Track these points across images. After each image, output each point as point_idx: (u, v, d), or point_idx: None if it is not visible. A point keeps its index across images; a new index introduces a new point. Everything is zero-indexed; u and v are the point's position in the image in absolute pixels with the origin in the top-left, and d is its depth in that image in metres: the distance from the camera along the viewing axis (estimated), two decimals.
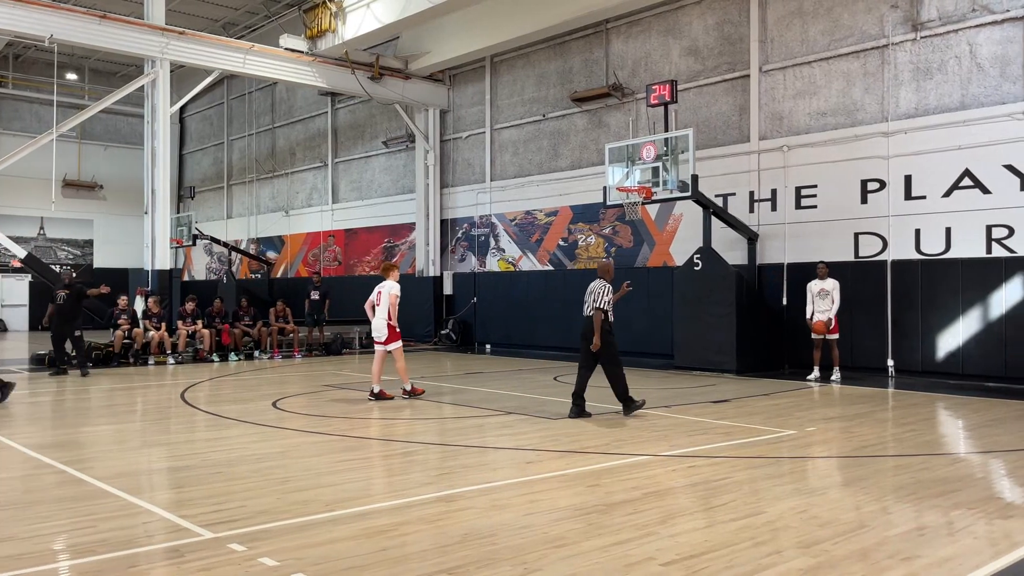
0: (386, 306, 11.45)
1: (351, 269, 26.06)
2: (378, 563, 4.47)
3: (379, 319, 11.50)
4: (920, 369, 13.72)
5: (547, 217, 20.24)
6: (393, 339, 11.51)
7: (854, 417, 9.78)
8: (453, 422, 9.86)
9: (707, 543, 4.82)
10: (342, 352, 19.66)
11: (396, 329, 11.57)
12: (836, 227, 14.87)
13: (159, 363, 16.91)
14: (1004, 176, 12.93)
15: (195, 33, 19.47)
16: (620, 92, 18.34)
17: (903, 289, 13.99)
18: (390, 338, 11.50)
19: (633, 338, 17.92)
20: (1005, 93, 13.02)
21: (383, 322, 11.48)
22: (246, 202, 31.00)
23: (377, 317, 11.53)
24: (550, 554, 4.61)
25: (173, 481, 6.78)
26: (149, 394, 12.69)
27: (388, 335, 11.49)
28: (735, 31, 16.55)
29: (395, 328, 11.55)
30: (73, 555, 4.67)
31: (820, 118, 15.23)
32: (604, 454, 7.58)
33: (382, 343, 11.55)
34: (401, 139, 23.97)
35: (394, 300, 11.45)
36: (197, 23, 25.43)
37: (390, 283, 11.58)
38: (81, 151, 32.43)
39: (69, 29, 17.40)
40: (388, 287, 11.52)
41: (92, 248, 33.25)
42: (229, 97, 31.88)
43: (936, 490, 6.14)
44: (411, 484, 6.47)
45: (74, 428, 9.40)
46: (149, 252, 18.62)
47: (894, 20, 14.26)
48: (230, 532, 5.03)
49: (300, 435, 8.68)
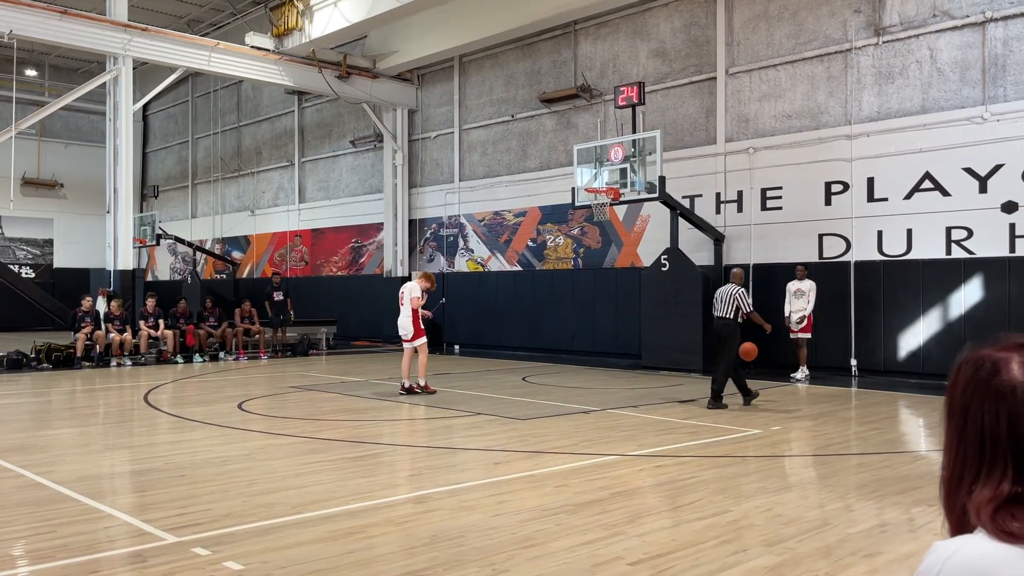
0: (409, 305, 11.90)
1: (318, 269, 25.87)
2: (345, 566, 4.44)
3: (403, 318, 11.96)
4: (882, 368, 13.95)
5: (516, 218, 20.26)
6: (418, 336, 11.93)
7: (818, 416, 9.91)
8: (421, 423, 9.83)
9: (674, 542, 4.85)
10: (308, 353, 19.50)
11: (421, 326, 11.98)
12: (801, 228, 15.06)
13: (120, 365, 16.64)
14: (963, 179, 13.19)
15: (159, 30, 19.19)
16: (588, 93, 18.41)
17: (866, 290, 14.21)
18: (416, 335, 11.92)
19: (601, 338, 18.02)
20: (965, 97, 13.28)
21: (408, 320, 11.91)
22: (211, 201, 30.62)
23: (402, 316, 12.00)
24: (518, 555, 4.61)
25: (136, 485, 6.67)
26: (111, 396, 12.48)
27: (414, 332, 11.91)
28: (702, 33, 16.69)
29: (420, 325, 11.96)
30: (32, 561, 4.58)
31: (785, 120, 15.42)
32: (572, 454, 7.60)
33: (408, 340, 11.96)
34: (369, 139, 23.84)
35: (415, 300, 11.88)
36: (161, 20, 25.07)
37: (412, 284, 12.07)
38: (41, 149, 31.80)
39: (28, 24, 17.05)
40: (410, 288, 12.00)
41: (52, 248, 32.62)
42: (194, 95, 31.47)
43: (897, 487, 6.24)
44: (378, 486, 6.43)
45: (34, 431, 9.22)
46: (111, 252, 18.32)
47: (857, 25, 14.48)
48: (194, 536, 4.96)
49: (266, 437, 8.59)
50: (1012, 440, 1.15)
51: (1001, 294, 12.71)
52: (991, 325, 12.54)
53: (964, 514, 1.18)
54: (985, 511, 1.14)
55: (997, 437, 1.16)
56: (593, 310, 18.25)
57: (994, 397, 1.17)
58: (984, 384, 1.19)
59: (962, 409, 1.21)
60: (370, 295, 23.42)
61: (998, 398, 1.17)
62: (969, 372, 1.22)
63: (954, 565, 1.12)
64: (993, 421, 1.17)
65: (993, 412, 1.17)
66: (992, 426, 1.17)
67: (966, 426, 1.20)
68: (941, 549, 1.16)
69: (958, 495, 1.20)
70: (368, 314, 23.33)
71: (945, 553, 1.15)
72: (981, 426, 1.18)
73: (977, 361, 1.21)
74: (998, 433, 1.16)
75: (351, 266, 24.70)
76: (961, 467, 1.20)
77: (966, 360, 1.23)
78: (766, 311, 14.59)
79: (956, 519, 1.21)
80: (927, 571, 1.15)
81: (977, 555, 1.11)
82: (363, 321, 23.42)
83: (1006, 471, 1.15)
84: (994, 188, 12.85)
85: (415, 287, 11.95)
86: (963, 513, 1.18)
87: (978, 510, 1.15)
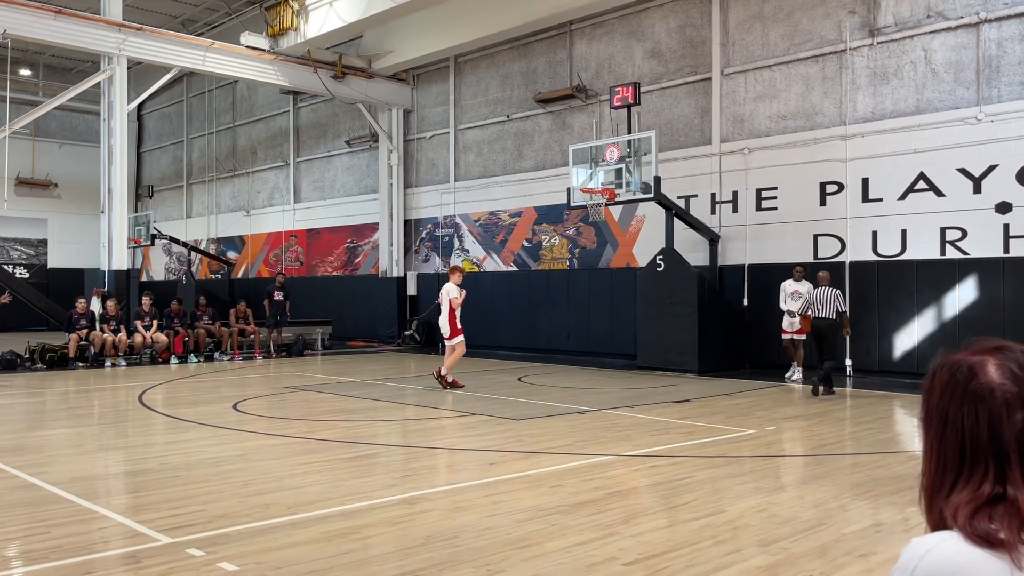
0: (447, 306, 12.45)
1: (313, 270, 25.83)
2: (340, 567, 4.43)
3: (442, 318, 12.58)
4: (877, 368, 13.98)
5: (511, 218, 20.26)
6: (454, 335, 12.48)
7: (813, 416, 9.93)
8: (416, 423, 9.82)
9: (669, 542, 4.86)
10: (304, 354, 19.47)
11: (458, 326, 12.49)
12: (796, 229, 15.08)
13: (115, 365, 16.60)
14: (957, 179, 13.22)
15: (153, 29, 19.15)
16: (584, 94, 18.42)
17: (861, 290, 14.24)
18: (452, 334, 12.49)
19: (596, 339, 18.02)
20: (959, 98, 13.31)
21: (445, 320, 12.50)
22: (206, 201, 30.56)
23: (441, 316, 12.65)
24: (513, 555, 4.61)
25: (130, 485, 6.66)
26: (105, 397, 12.45)
27: (451, 331, 12.46)
28: (697, 34, 16.71)
29: (456, 325, 12.46)
30: (26, 562, 4.56)
31: (780, 121, 15.44)
32: (567, 454, 7.60)
33: (447, 339, 12.61)
34: (364, 139, 23.81)
35: (453, 301, 12.37)
36: (156, 19, 25.00)
37: (449, 285, 12.57)
38: (35, 149, 31.71)
39: (23, 24, 16.99)
40: (447, 290, 12.52)
41: (46, 248, 32.52)
42: (189, 95, 31.41)
43: (892, 487, 6.25)
44: (374, 486, 6.43)
45: (27, 431, 9.19)
46: (106, 252, 18.27)
47: (852, 25, 14.51)
48: (188, 537, 4.95)
49: (261, 438, 8.58)
50: (992, 442, 1.16)
51: (995, 294, 12.75)
52: (985, 325, 12.58)
53: (942, 518, 1.19)
54: (963, 512, 1.15)
55: (977, 440, 1.17)
56: (588, 310, 18.25)
57: (972, 400, 1.18)
58: (962, 388, 1.19)
59: (940, 414, 1.21)
60: (365, 295, 23.40)
61: (976, 401, 1.18)
62: (945, 377, 1.22)
63: (930, 561, 1.14)
64: (973, 424, 1.18)
65: (973, 415, 1.18)
66: (972, 429, 1.18)
67: (945, 431, 1.20)
68: (918, 545, 1.17)
69: (937, 500, 1.21)
70: (363, 314, 23.31)
71: (922, 549, 1.16)
72: (961, 430, 1.19)
73: (952, 366, 1.22)
74: (978, 436, 1.17)
75: (346, 266, 24.68)
76: (941, 472, 1.21)
77: (941, 366, 1.24)
78: (763, 311, 14.70)
79: (935, 523, 1.22)
80: (904, 566, 1.16)
81: (953, 552, 1.13)
82: (358, 321, 23.40)
83: (987, 472, 1.16)
84: (988, 189, 12.88)
85: (452, 288, 12.45)
86: (941, 517, 1.19)
87: (955, 512, 1.16)
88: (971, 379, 1.19)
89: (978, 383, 1.18)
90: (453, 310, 12.36)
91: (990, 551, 1.10)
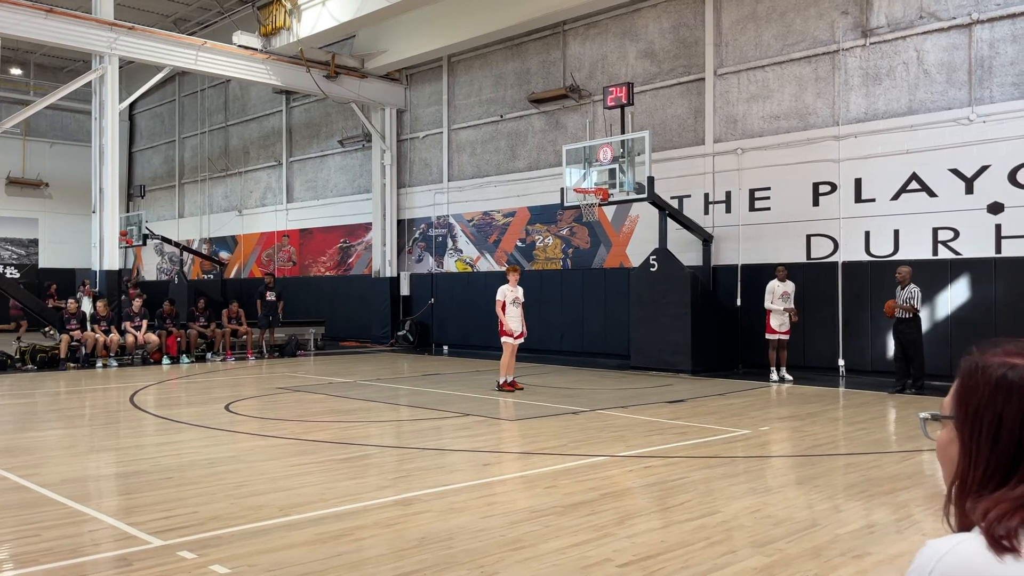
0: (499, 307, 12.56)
1: (306, 270, 25.77)
2: (334, 568, 4.41)
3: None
4: (870, 368, 14.00)
5: (505, 218, 20.24)
6: (501, 335, 12.53)
7: (806, 416, 9.94)
8: (410, 424, 9.80)
9: (663, 543, 4.85)
10: (296, 354, 19.42)
11: (506, 326, 12.46)
12: (789, 229, 15.10)
13: (106, 366, 16.52)
14: (949, 180, 13.25)
15: (145, 29, 19.07)
16: (577, 94, 18.41)
17: (854, 290, 14.27)
18: (501, 333, 12.54)
19: (590, 339, 18.01)
20: (951, 99, 13.35)
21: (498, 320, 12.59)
22: (198, 201, 30.46)
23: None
24: (508, 556, 4.59)
25: (121, 487, 6.62)
26: (97, 397, 12.39)
27: (499, 331, 12.56)
28: (690, 34, 16.72)
29: (504, 325, 12.46)
30: (17, 565, 4.53)
31: (773, 121, 15.46)
32: (561, 455, 7.59)
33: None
34: (357, 138, 23.76)
35: (499, 302, 12.48)
36: (147, 18, 24.90)
37: (504, 287, 12.63)
38: (26, 148, 31.55)
39: (14, 23, 16.90)
40: (499, 291, 12.63)
41: (37, 248, 32.36)
42: (181, 94, 31.30)
43: (886, 488, 6.26)
44: (367, 488, 6.40)
45: (18, 433, 9.13)
46: (97, 252, 18.19)
47: (845, 26, 14.54)
48: (180, 539, 4.92)
49: (254, 439, 8.54)
50: None
51: (987, 294, 12.79)
52: (977, 325, 12.62)
53: (969, 520, 1.17)
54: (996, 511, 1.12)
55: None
56: (582, 310, 18.24)
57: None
58: (1018, 389, 1.16)
59: (992, 416, 1.17)
60: (358, 295, 23.35)
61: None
62: (994, 377, 1.19)
63: (948, 564, 1.11)
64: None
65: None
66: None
67: (999, 432, 1.17)
68: (935, 547, 1.14)
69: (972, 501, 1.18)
70: (356, 315, 23.25)
71: (940, 551, 1.13)
72: (1015, 430, 1.16)
73: (1001, 367, 1.19)
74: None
75: (339, 266, 24.62)
76: (984, 472, 1.18)
77: (985, 366, 1.20)
78: (757, 311, 14.69)
79: (961, 526, 1.19)
80: (920, 569, 1.13)
81: (972, 553, 1.10)
82: (351, 322, 23.34)
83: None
84: (980, 189, 12.92)
85: (501, 289, 12.57)
86: (969, 519, 1.17)
87: (986, 511, 1.13)
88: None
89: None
90: (502, 310, 12.40)
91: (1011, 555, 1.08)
